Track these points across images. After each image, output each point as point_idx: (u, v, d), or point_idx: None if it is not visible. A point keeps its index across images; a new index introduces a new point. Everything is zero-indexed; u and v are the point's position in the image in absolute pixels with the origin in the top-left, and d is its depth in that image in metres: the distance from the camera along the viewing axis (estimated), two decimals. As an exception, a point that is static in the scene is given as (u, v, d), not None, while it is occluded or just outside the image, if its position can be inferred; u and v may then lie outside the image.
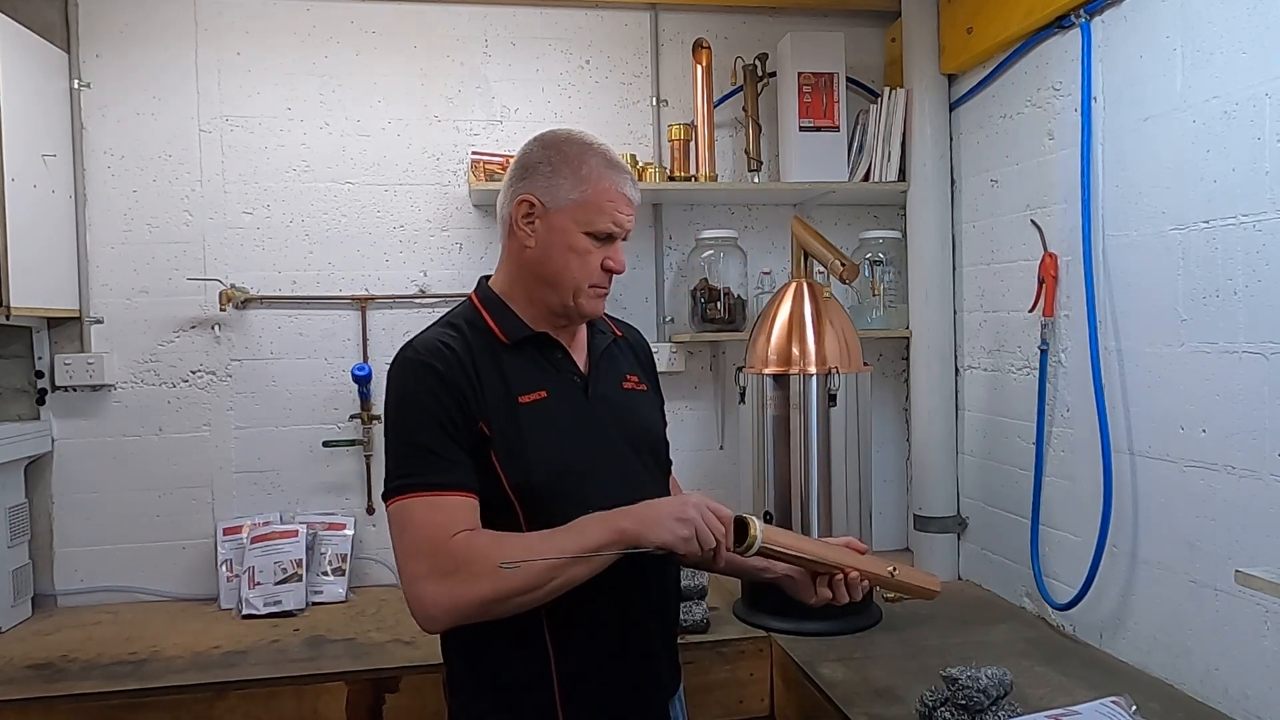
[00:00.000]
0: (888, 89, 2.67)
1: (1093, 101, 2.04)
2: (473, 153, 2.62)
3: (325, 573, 2.53)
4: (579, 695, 1.36)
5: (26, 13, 2.40)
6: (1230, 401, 1.70)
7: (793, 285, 2.32)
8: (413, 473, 1.29)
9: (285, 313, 2.64)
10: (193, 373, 2.60)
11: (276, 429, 2.64)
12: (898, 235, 2.75)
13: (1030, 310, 2.24)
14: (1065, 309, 2.15)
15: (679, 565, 1.51)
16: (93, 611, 2.47)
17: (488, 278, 1.49)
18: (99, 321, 2.54)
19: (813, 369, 2.21)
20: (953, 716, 1.59)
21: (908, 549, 2.83)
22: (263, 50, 2.61)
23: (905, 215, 2.74)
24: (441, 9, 2.69)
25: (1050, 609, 2.20)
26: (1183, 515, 1.82)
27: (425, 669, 2.02)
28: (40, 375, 2.51)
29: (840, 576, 1.42)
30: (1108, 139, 2.00)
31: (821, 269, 2.30)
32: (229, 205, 2.60)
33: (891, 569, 1.48)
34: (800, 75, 2.65)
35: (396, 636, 2.21)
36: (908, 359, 2.84)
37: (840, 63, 2.67)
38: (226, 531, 2.55)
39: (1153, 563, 1.90)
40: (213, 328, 2.60)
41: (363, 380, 2.58)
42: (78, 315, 2.51)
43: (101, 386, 2.54)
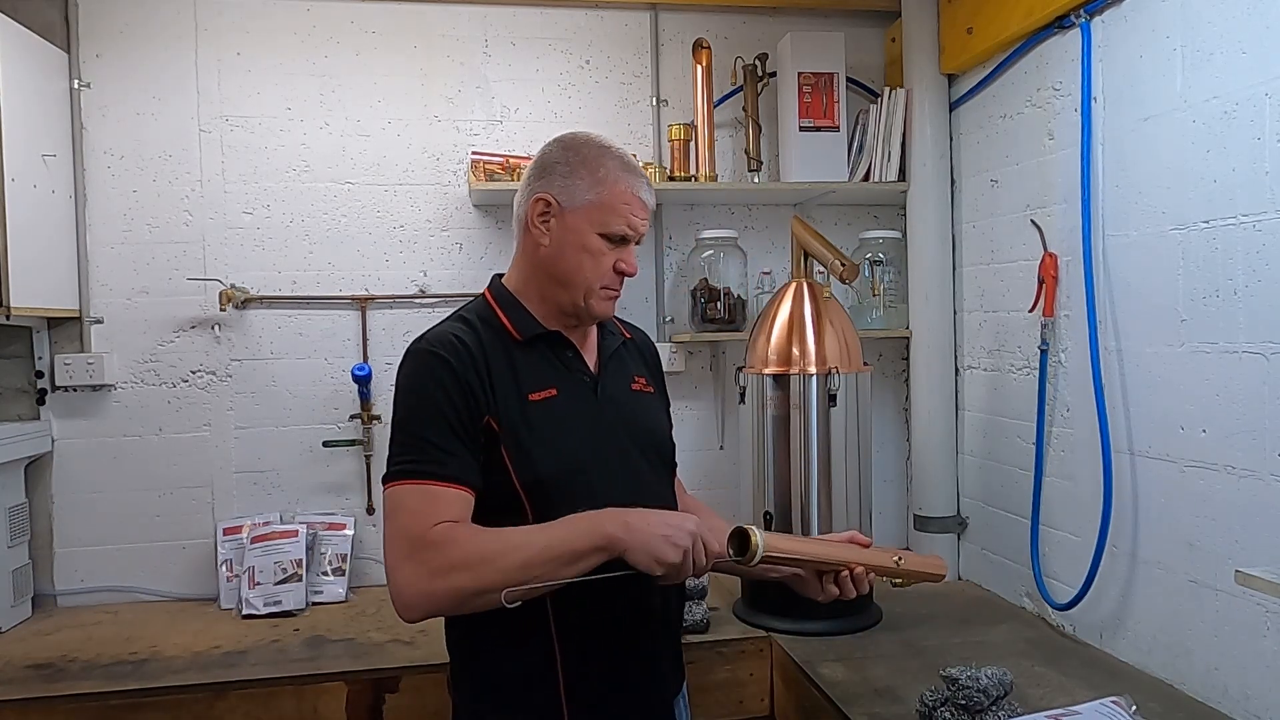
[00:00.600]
0: (888, 89, 2.67)
1: (1093, 101, 2.04)
2: (473, 153, 2.62)
3: (325, 573, 2.53)
4: (583, 693, 1.36)
5: (26, 13, 2.40)
6: (1230, 401, 1.70)
7: (793, 285, 2.32)
8: (411, 460, 1.30)
9: (285, 313, 2.64)
10: (193, 373, 2.60)
11: (276, 429, 2.64)
12: (898, 235, 2.75)
13: (1030, 310, 2.24)
14: (1065, 309, 2.15)
15: None
16: (93, 611, 2.46)
17: (501, 275, 1.50)
18: (99, 321, 2.54)
19: (813, 369, 2.21)
20: (953, 716, 1.59)
21: (908, 549, 2.82)
22: (263, 50, 2.61)
23: (905, 215, 2.74)
24: (441, 9, 2.69)
25: (1050, 609, 2.20)
26: (1183, 515, 1.82)
27: (425, 669, 2.02)
28: (40, 375, 2.51)
29: (846, 573, 1.42)
30: (1108, 139, 2.00)
31: (821, 269, 2.30)
32: (229, 205, 2.60)
33: (897, 558, 1.47)
34: (800, 75, 2.65)
35: (396, 636, 2.20)
36: (908, 359, 2.84)
37: (840, 63, 2.67)
38: (226, 531, 2.55)
39: (1153, 563, 1.90)
40: (213, 328, 2.60)
41: (363, 380, 2.58)
42: (78, 315, 2.51)
43: (101, 386, 2.54)
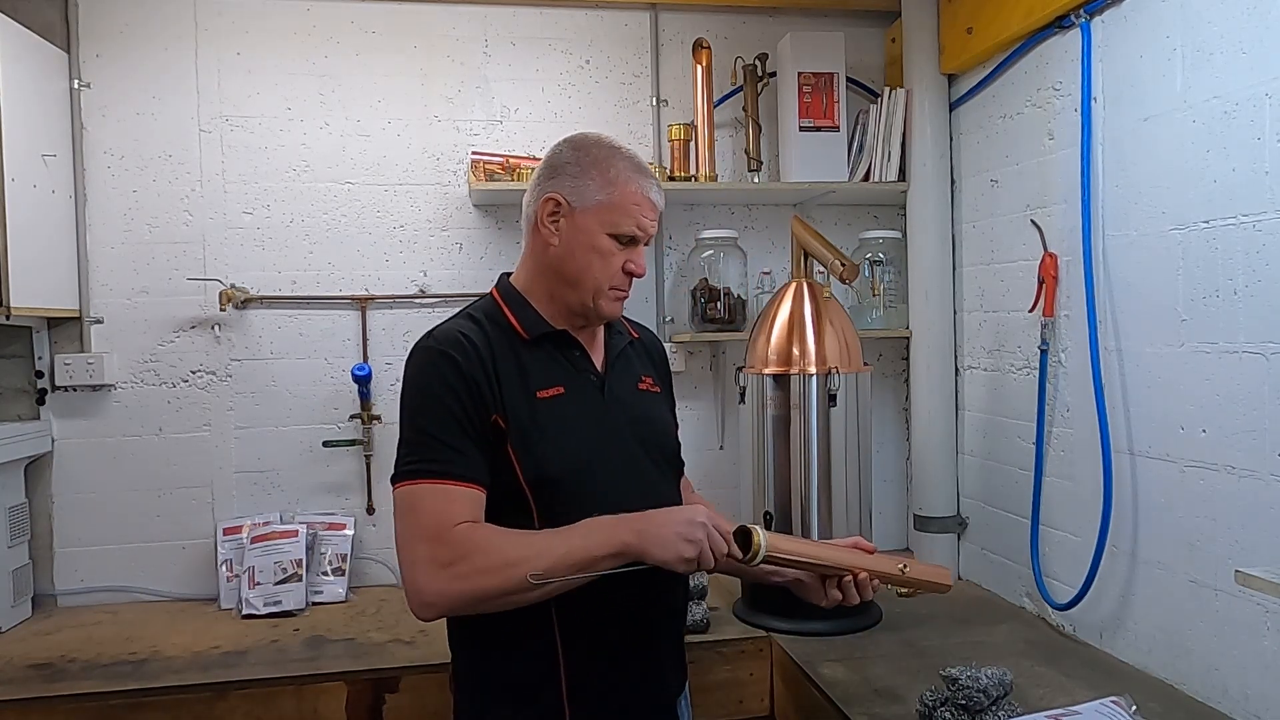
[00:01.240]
0: (888, 89, 2.67)
1: (1093, 101, 2.04)
2: (473, 153, 2.62)
3: (325, 573, 2.53)
4: (585, 693, 1.36)
5: (26, 13, 2.40)
6: (1230, 401, 1.70)
7: (793, 285, 2.32)
8: (422, 459, 1.29)
9: (285, 313, 2.64)
10: (193, 373, 2.60)
11: (276, 429, 2.64)
12: (898, 235, 2.75)
13: (1030, 310, 2.24)
14: (1065, 309, 2.15)
15: None
16: (93, 611, 2.46)
17: (509, 274, 1.50)
18: (99, 321, 2.54)
19: (813, 369, 2.21)
20: (953, 716, 1.59)
21: (908, 549, 2.83)
22: (263, 50, 2.61)
23: (905, 215, 2.74)
24: (441, 9, 2.69)
25: (1050, 609, 2.20)
26: (1183, 515, 1.82)
27: (425, 669, 2.02)
28: (40, 375, 2.51)
29: (849, 578, 1.41)
30: (1108, 139, 2.00)
31: (821, 269, 2.30)
32: (229, 205, 2.60)
33: (902, 566, 1.47)
34: (800, 75, 2.65)
35: (396, 636, 2.21)
36: (908, 359, 2.84)
37: (840, 63, 2.67)
38: (226, 531, 2.55)
39: (1153, 562, 1.90)
40: (213, 328, 2.60)
41: (363, 380, 2.58)
42: (78, 315, 2.51)
43: (101, 386, 2.54)
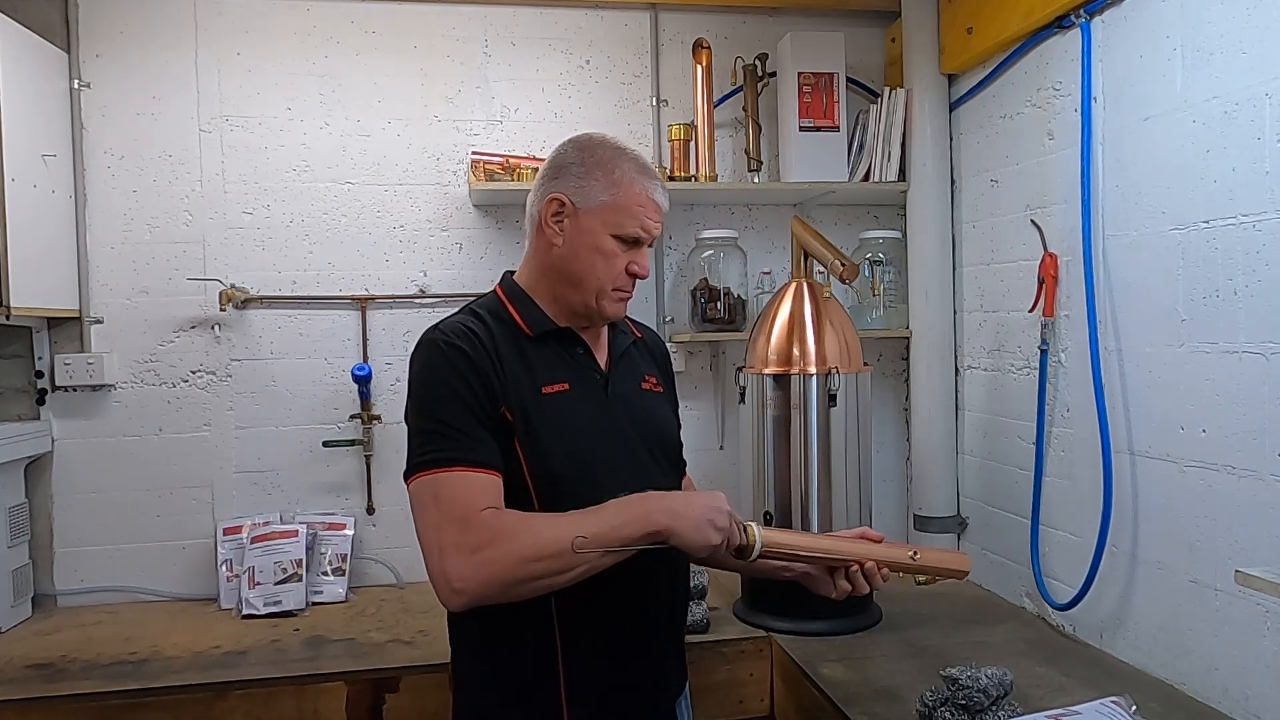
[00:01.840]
0: (888, 89, 2.67)
1: (1093, 101, 2.04)
2: (473, 153, 2.62)
3: (325, 573, 2.53)
4: (584, 693, 1.36)
5: (26, 13, 2.40)
6: (1230, 401, 1.70)
7: (793, 285, 2.32)
8: (441, 449, 1.28)
9: (285, 313, 2.64)
10: (193, 373, 2.60)
11: (276, 429, 2.64)
12: (898, 235, 2.75)
13: (1030, 310, 2.24)
14: (1065, 309, 2.15)
15: (689, 564, 1.51)
16: (93, 611, 2.46)
17: (512, 272, 1.50)
18: (99, 321, 2.54)
19: (813, 369, 2.21)
20: (953, 716, 1.59)
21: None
22: (263, 50, 2.61)
23: (905, 215, 2.74)
24: (441, 9, 2.69)
25: (1050, 609, 2.20)
26: (1183, 515, 1.82)
27: (425, 669, 2.02)
28: (40, 375, 2.51)
29: (856, 568, 1.41)
30: (1108, 139, 2.00)
31: (821, 269, 2.30)
32: (229, 205, 2.60)
33: (912, 553, 1.45)
34: (800, 75, 2.65)
35: (396, 636, 2.21)
36: (908, 359, 2.84)
37: (840, 63, 2.67)
38: (226, 531, 2.55)
39: (1153, 562, 1.90)
40: (213, 328, 2.59)
41: (363, 380, 2.58)
42: (78, 315, 2.51)
43: (101, 386, 2.54)
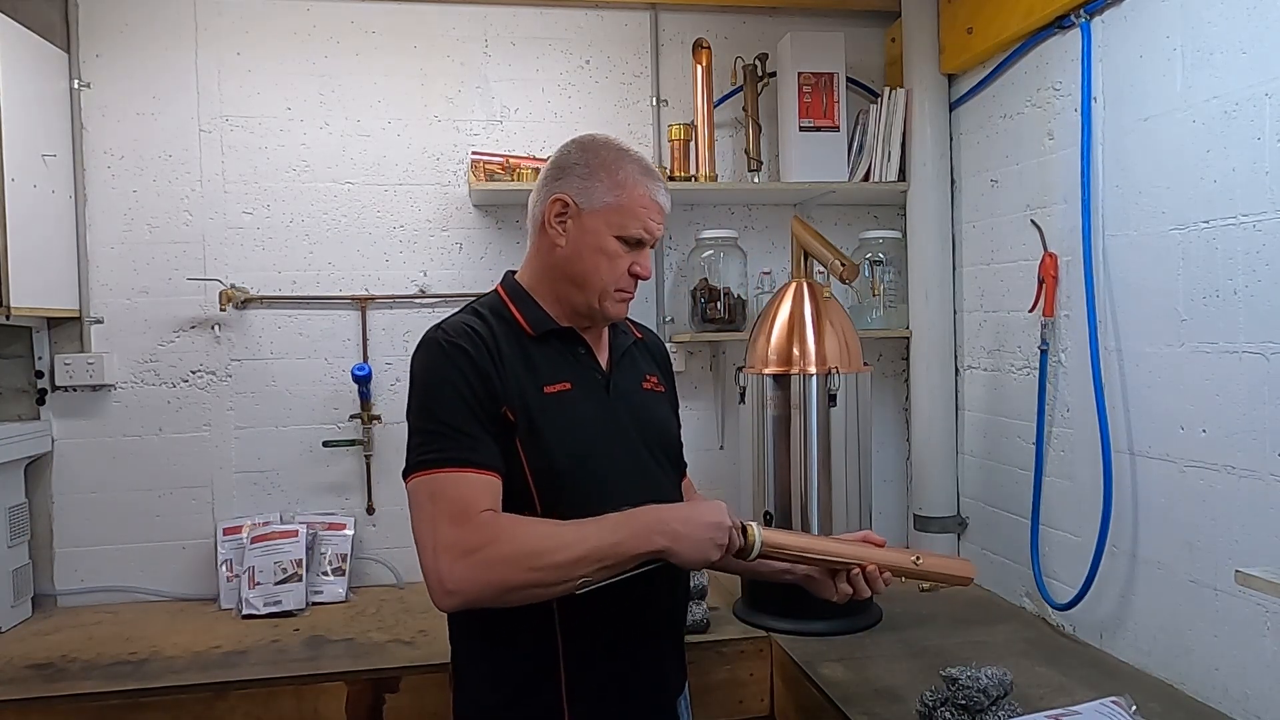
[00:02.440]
0: (888, 89, 2.67)
1: (1093, 101, 2.04)
2: (473, 153, 2.62)
3: (325, 573, 2.53)
4: (585, 693, 1.36)
5: (26, 13, 2.40)
6: (1230, 401, 1.70)
7: (793, 285, 2.32)
8: (440, 449, 1.28)
9: (285, 313, 2.64)
10: (193, 373, 2.60)
11: (276, 429, 2.64)
12: (898, 235, 2.75)
13: (1030, 310, 2.24)
14: (1065, 309, 2.15)
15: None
16: (93, 611, 2.46)
17: (513, 272, 1.50)
18: (99, 321, 2.54)
19: (813, 369, 2.21)
20: (953, 716, 1.59)
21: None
22: (263, 50, 2.61)
23: (905, 215, 2.74)
24: (441, 9, 2.69)
25: (1050, 609, 2.20)
26: (1183, 515, 1.82)
27: (425, 669, 2.02)
28: (40, 375, 2.51)
29: (857, 571, 1.41)
30: (1108, 139, 2.00)
31: (821, 269, 2.30)
32: (229, 205, 2.60)
33: (915, 558, 1.45)
34: (800, 75, 2.65)
35: (396, 636, 2.21)
36: (908, 359, 2.84)
37: (840, 63, 2.67)
38: (226, 531, 2.55)
39: (1152, 562, 1.90)
40: (213, 328, 2.59)
41: (363, 380, 2.58)
42: (78, 315, 2.51)
43: (101, 386, 2.54)
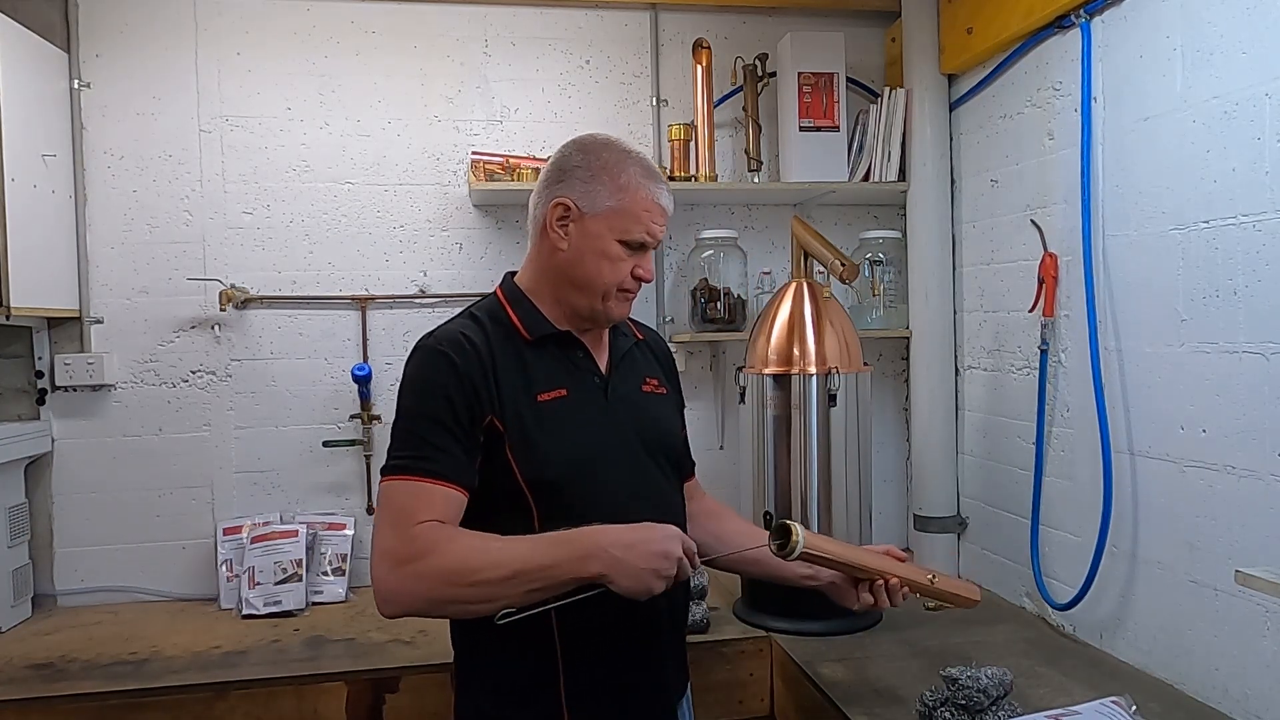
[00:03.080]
0: (888, 89, 2.67)
1: (1093, 101, 2.04)
2: (473, 153, 2.62)
3: (325, 573, 2.53)
4: (585, 695, 1.36)
5: (26, 13, 2.40)
6: (1230, 401, 1.70)
7: (793, 285, 2.32)
8: (405, 456, 1.30)
9: (285, 313, 2.64)
10: (193, 373, 2.60)
11: (276, 429, 2.64)
12: (898, 235, 2.75)
13: (1030, 310, 2.24)
14: (1065, 309, 2.15)
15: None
16: (93, 611, 2.46)
17: (513, 274, 1.50)
18: (99, 321, 2.54)
19: (813, 369, 2.21)
20: (953, 716, 1.59)
21: (908, 549, 2.82)
22: (263, 50, 2.61)
23: (905, 215, 2.74)
24: (441, 9, 2.69)
25: (1050, 609, 2.20)
26: (1183, 515, 1.82)
27: (425, 669, 2.02)
28: (40, 375, 2.51)
29: (881, 582, 1.44)
30: (1108, 139, 2.00)
31: (821, 269, 2.30)
32: (229, 205, 2.60)
33: (931, 576, 1.50)
34: (800, 75, 2.65)
35: (396, 636, 2.21)
36: (908, 359, 2.84)
37: (840, 63, 2.67)
38: (226, 531, 2.55)
39: (1153, 562, 1.90)
40: (213, 328, 2.59)
41: (363, 380, 2.58)
42: (78, 315, 2.51)
43: (101, 386, 2.54)
